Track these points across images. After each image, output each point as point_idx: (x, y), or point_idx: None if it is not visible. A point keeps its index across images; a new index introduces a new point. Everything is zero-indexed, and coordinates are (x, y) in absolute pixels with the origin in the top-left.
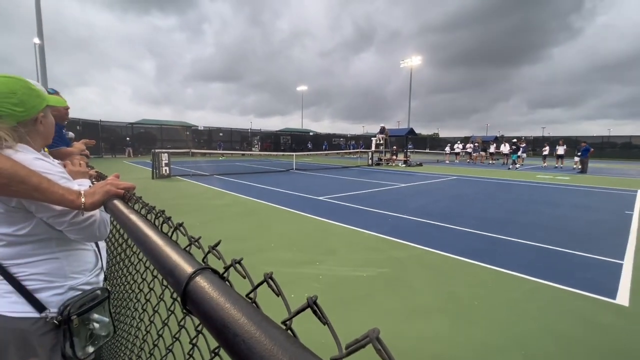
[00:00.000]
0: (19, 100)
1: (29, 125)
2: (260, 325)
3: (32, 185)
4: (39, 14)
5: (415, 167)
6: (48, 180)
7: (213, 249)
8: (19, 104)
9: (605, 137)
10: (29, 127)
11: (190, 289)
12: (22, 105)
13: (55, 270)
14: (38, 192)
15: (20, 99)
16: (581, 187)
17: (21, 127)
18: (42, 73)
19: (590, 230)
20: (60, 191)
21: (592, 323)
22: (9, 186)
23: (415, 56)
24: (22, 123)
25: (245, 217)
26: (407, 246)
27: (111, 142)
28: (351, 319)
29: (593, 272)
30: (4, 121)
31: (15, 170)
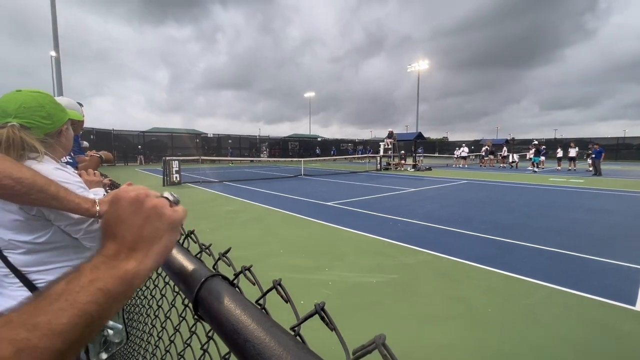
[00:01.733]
0: (47, 114)
1: (54, 137)
2: (270, 331)
3: (50, 194)
4: (55, 27)
5: (424, 172)
6: (65, 189)
7: (223, 255)
8: (47, 117)
9: (621, 139)
10: (54, 139)
11: (202, 295)
12: (50, 118)
13: None
14: (56, 201)
15: (48, 112)
16: (596, 190)
17: (48, 138)
18: (58, 85)
19: (607, 235)
20: (76, 200)
21: (611, 330)
22: (29, 195)
23: (422, 60)
24: (48, 135)
25: (254, 223)
26: (417, 252)
27: (123, 150)
28: (361, 326)
29: (611, 278)
30: (33, 132)
31: (35, 180)
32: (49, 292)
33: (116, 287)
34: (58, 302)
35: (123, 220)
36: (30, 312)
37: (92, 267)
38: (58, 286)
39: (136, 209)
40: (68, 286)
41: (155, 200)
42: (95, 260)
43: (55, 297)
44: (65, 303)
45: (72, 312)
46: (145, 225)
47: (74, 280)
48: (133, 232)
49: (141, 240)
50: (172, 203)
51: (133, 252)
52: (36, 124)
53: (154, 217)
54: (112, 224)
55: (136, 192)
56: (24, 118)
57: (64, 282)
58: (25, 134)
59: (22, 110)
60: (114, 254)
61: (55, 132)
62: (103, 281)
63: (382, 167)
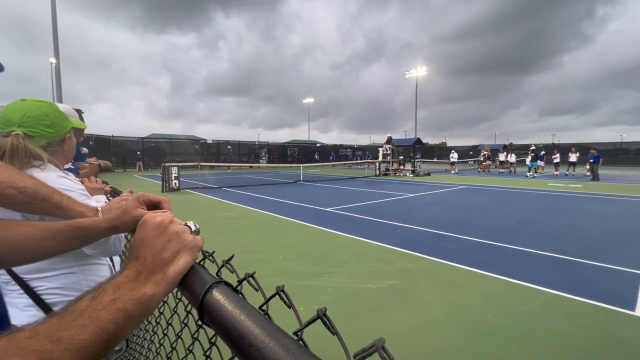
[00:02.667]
0: (51, 122)
1: (57, 145)
2: (274, 336)
3: (53, 202)
4: (55, 34)
5: (423, 177)
6: (68, 197)
7: (227, 262)
8: (51, 125)
9: (618, 144)
10: (56, 147)
11: (207, 302)
12: (54, 127)
13: (71, 284)
14: (59, 210)
15: (52, 121)
16: (594, 195)
17: (50, 147)
18: (58, 92)
19: (606, 240)
20: (79, 209)
21: (611, 336)
22: (31, 204)
23: (420, 66)
24: (51, 143)
25: (254, 229)
26: (417, 257)
27: (122, 156)
28: (360, 332)
29: (610, 283)
30: (37, 141)
31: (38, 189)
32: (74, 307)
33: (134, 308)
34: (81, 319)
35: (147, 243)
36: (55, 325)
37: (114, 286)
38: (82, 302)
39: (160, 232)
40: (92, 303)
41: (178, 227)
42: (118, 279)
43: (79, 313)
44: (87, 320)
45: (93, 329)
46: (165, 248)
47: (97, 298)
48: (154, 255)
49: (161, 262)
50: (192, 232)
51: (152, 274)
52: (40, 133)
53: (175, 241)
54: (137, 246)
55: (162, 218)
56: (28, 127)
57: (88, 299)
58: (28, 143)
59: (26, 119)
60: (135, 275)
61: (58, 141)
62: (122, 301)
63: (381, 172)
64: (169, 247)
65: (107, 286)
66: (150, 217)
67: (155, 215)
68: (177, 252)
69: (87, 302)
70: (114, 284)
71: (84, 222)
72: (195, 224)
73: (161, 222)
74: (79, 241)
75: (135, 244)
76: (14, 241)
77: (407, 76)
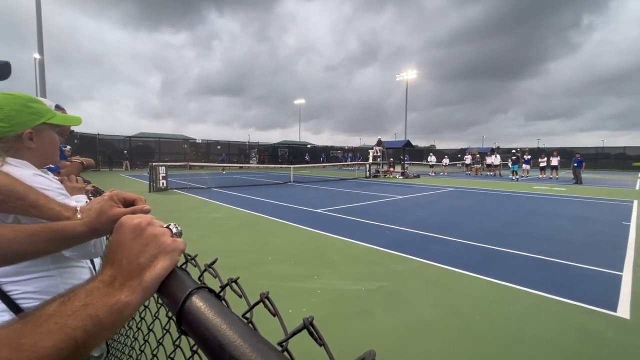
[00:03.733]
0: (5, 116)
1: (10, 141)
2: (256, 347)
3: (29, 202)
4: (40, 30)
5: (412, 179)
6: (45, 196)
7: (209, 267)
8: (4, 119)
9: (600, 148)
10: (10, 143)
11: (186, 309)
12: (7, 121)
13: (49, 287)
14: (35, 209)
15: (5, 115)
16: (578, 198)
17: (2, 142)
18: (42, 87)
19: (589, 242)
20: (56, 208)
21: (594, 336)
22: (5, 202)
23: (411, 70)
24: (4, 139)
25: (243, 230)
26: (406, 259)
27: (108, 155)
28: (350, 335)
29: (593, 285)
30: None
31: (14, 187)
32: (41, 312)
33: (106, 316)
34: (47, 324)
35: (123, 247)
36: (17, 331)
37: (87, 291)
38: (51, 307)
39: (136, 235)
40: (60, 308)
41: (157, 229)
42: (92, 284)
43: (46, 318)
44: (53, 326)
45: (59, 336)
46: (142, 252)
47: (67, 303)
48: (130, 259)
49: (137, 267)
50: (174, 234)
51: (128, 280)
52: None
53: (152, 245)
54: (113, 250)
55: (139, 220)
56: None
57: (58, 303)
58: None
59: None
60: (109, 281)
61: (14, 137)
62: (94, 308)
63: (371, 174)
64: (146, 251)
65: (79, 290)
66: (127, 219)
67: (133, 217)
68: (155, 257)
69: (56, 306)
70: (87, 289)
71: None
72: (176, 225)
73: (138, 224)
74: (54, 245)
75: (112, 247)
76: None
77: (397, 79)
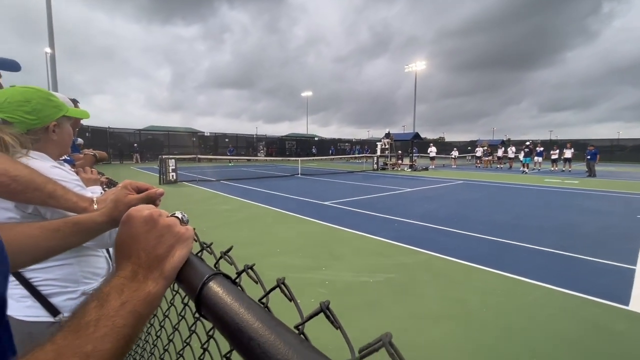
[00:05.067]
0: (32, 109)
1: (39, 134)
2: (275, 330)
3: (47, 192)
4: (50, 24)
5: (421, 172)
6: (63, 187)
7: (225, 254)
8: (32, 112)
9: (615, 140)
10: (39, 135)
11: (204, 294)
12: (35, 114)
13: (68, 275)
14: (52, 199)
15: (33, 108)
16: (591, 191)
17: (31, 134)
18: (53, 82)
19: (601, 235)
20: (73, 198)
21: (606, 330)
22: (24, 193)
23: (420, 61)
24: (32, 131)
25: (251, 222)
26: (414, 251)
27: (119, 148)
28: (358, 326)
29: (605, 278)
30: (15, 127)
31: (32, 178)
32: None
33: (143, 309)
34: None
35: (137, 240)
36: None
37: (117, 289)
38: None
39: (150, 227)
40: (102, 311)
41: (169, 219)
42: (116, 281)
43: (94, 323)
44: (105, 329)
45: (113, 337)
46: (159, 243)
47: (105, 305)
48: (148, 251)
49: (156, 258)
50: (182, 222)
51: (149, 272)
52: (19, 119)
53: (167, 235)
54: (126, 244)
55: (149, 211)
56: (7, 112)
57: (96, 307)
58: (5, 129)
59: (5, 104)
60: (132, 275)
61: (42, 129)
62: (132, 304)
63: (379, 167)
64: (162, 241)
65: (108, 290)
66: (136, 212)
67: (141, 209)
68: (172, 246)
69: (97, 310)
70: (115, 288)
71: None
72: (183, 213)
73: (149, 216)
74: (78, 237)
75: (124, 241)
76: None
77: (406, 70)
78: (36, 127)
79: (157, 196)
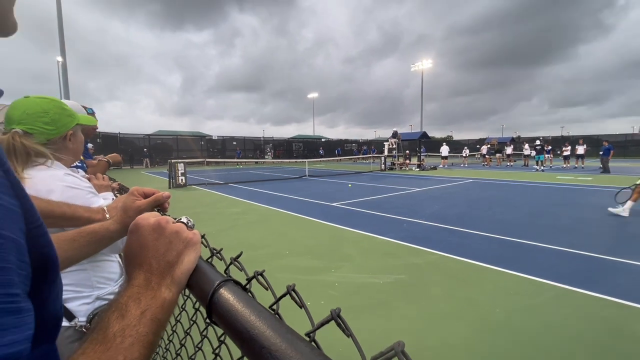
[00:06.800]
0: (51, 119)
1: (58, 143)
2: (286, 338)
3: (56, 216)
4: (61, 33)
5: (429, 171)
6: (68, 205)
7: (235, 260)
8: (50, 122)
9: (629, 135)
10: (58, 144)
11: (215, 301)
12: (53, 124)
13: (82, 280)
14: (65, 221)
15: (51, 118)
16: (604, 188)
17: (51, 144)
18: (65, 89)
19: (617, 233)
20: (85, 215)
21: (623, 332)
22: None
23: (426, 59)
24: (52, 140)
25: (260, 224)
26: (424, 252)
27: (129, 153)
28: (368, 327)
29: (622, 278)
30: (37, 138)
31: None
32: (110, 329)
33: (162, 315)
34: (126, 339)
35: (147, 248)
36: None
37: (134, 299)
38: (114, 323)
39: (159, 235)
40: (124, 321)
41: (176, 225)
42: (131, 290)
43: (120, 334)
44: (131, 339)
45: (140, 345)
46: (168, 250)
47: (126, 315)
48: (158, 259)
49: (167, 265)
50: (188, 227)
51: (161, 279)
52: (39, 130)
53: (176, 241)
54: (136, 253)
55: (156, 219)
56: (27, 124)
57: (117, 319)
58: (26, 140)
59: (25, 116)
60: (145, 284)
61: (60, 138)
62: (151, 311)
63: (386, 167)
64: (172, 248)
65: (125, 300)
66: (143, 220)
67: (148, 217)
68: (181, 252)
69: (119, 321)
70: (132, 297)
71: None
72: (188, 218)
73: (157, 223)
74: (94, 246)
75: (134, 250)
76: None
77: (412, 69)
78: (55, 137)
79: (165, 199)
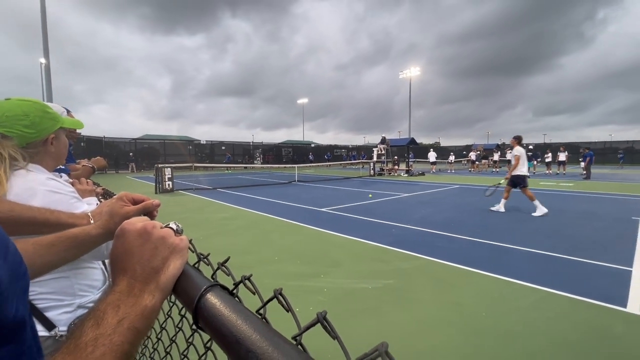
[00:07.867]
0: (31, 123)
1: (38, 146)
2: (272, 341)
3: (39, 223)
4: (45, 34)
5: (417, 177)
6: (51, 211)
7: (222, 265)
8: (30, 125)
9: (607, 143)
10: (38, 148)
11: (202, 306)
12: (34, 127)
13: (64, 288)
14: (48, 228)
15: (32, 121)
16: (585, 194)
17: (31, 147)
18: (48, 91)
19: (597, 237)
20: (69, 221)
21: (604, 333)
22: (18, 231)
23: (414, 67)
24: (31, 144)
25: (248, 229)
26: (412, 257)
27: (114, 158)
28: (357, 332)
29: (602, 280)
30: (14, 142)
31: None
32: (82, 339)
33: (141, 323)
34: (97, 349)
35: (132, 253)
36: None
37: (113, 306)
38: (88, 331)
39: (144, 240)
40: (99, 330)
41: (163, 231)
42: (112, 297)
43: (92, 343)
44: (103, 348)
45: (112, 355)
46: (154, 256)
47: (101, 323)
48: (143, 264)
49: (152, 271)
50: (176, 232)
51: (145, 285)
52: (18, 133)
53: (162, 247)
54: (121, 258)
55: (143, 224)
56: (6, 127)
57: (92, 327)
58: (4, 143)
59: (4, 119)
60: (128, 290)
61: (40, 142)
62: (129, 320)
63: (375, 172)
64: (157, 254)
65: (104, 307)
66: (129, 225)
67: (135, 222)
68: (167, 258)
69: (93, 330)
70: (111, 304)
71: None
72: (176, 223)
73: (143, 228)
74: (74, 251)
75: (119, 255)
76: None
77: (400, 77)
78: (35, 141)
79: (154, 207)
